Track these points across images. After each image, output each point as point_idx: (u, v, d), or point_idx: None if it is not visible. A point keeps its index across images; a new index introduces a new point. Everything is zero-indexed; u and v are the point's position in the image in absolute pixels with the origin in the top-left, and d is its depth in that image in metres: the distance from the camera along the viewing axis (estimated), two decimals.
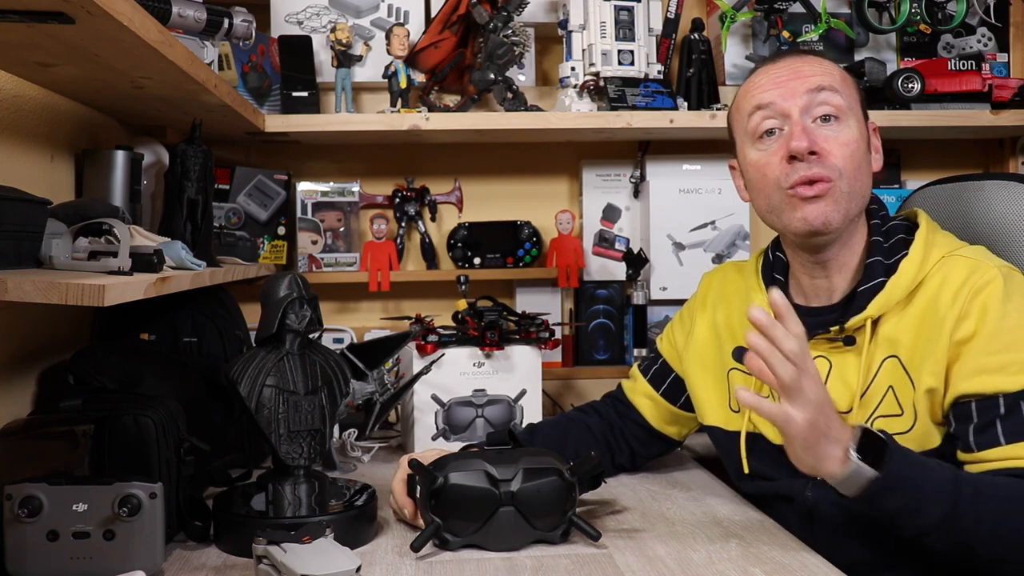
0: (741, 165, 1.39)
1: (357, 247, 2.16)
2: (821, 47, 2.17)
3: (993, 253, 1.30)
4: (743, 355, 1.14)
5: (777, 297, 1.13)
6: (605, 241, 2.25)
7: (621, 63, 2.04)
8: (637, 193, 2.25)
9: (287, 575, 1.02)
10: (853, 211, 1.29)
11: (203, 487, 1.42)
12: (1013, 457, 1.16)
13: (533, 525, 1.23)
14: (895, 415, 1.25)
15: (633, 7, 2.06)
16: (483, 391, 1.78)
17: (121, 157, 1.58)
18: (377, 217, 2.12)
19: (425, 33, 2.06)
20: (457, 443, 1.68)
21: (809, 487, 1.32)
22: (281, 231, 2.11)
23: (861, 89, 1.37)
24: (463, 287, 1.87)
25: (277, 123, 1.95)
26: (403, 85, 2.01)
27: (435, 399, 1.77)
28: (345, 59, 2.02)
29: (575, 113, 2.02)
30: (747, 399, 1.12)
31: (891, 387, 1.26)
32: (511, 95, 2.02)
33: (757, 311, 1.10)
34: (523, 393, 1.79)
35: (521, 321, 1.82)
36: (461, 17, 2.04)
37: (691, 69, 2.11)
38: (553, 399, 2.16)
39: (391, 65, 2.01)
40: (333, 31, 2.00)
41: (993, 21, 2.22)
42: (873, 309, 1.27)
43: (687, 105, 2.09)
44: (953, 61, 2.09)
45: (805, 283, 1.38)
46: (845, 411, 1.27)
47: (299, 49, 2.04)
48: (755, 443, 1.39)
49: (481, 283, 2.13)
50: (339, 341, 2.14)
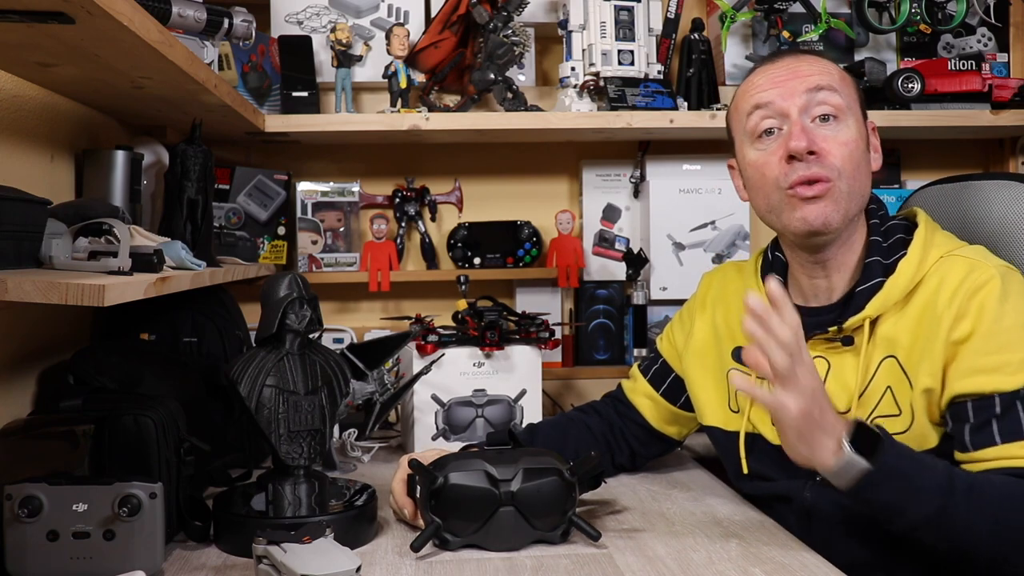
0: (740, 165, 1.39)
1: (357, 247, 2.16)
2: (821, 47, 2.17)
3: (993, 253, 1.30)
4: (742, 354, 1.14)
5: (774, 287, 1.14)
6: (605, 241, 2.25)
7: (621, 63, 2.04)
8: (637, 193, 2.25)
9: (287, 575, 1.02)
10: (852, 211, 1.29)
11: (203, 487, 1.42)
12: (1009, 456, 1.16)
13: (533, 525, 1.23)
14: (893, 415, 1.25)
15: (633, 7, 2.06)
16: (483, 391, 1.78)
17: (121, 157, 1.58)
18: (377, 217, 2.12)
19: (425, 33, 2.06)
20: (457, 443, 1.68)
21: (807, 488, 1.32)
22: (281, 231, 2.11)
23: (860, 88, 1.37)
24: (463, 287, 1.87)
25: (277, 123, 1.95)
26: (403, 85, 2.01)
27: (435, 399, 1.77)
28: (345, 59, 2.02)
29: (575, 113, 2.02)
30: (742, 385, 1.13)
31: (889, 387, 1.26)
32: (511, 95, 2.02)
33: (753, 299, 1.11)
34: (523, 393, 1.79)
35: (521, 321, 1.82)
36: (461, 17, 2.04)
37: (691, 69, 2.11)
38: (553, 399, 2.16)
39: (391, 65, 2.01)
40: (333, 31, 2.00)
41: (993, 21, 2.22)
42: (871, 309, 1.27)
43: (687, 105, 2.09)
44: (953, 61, 2.09)
45: (804, 283, 1.38)
46: (843, 411, 1.27)
47: (299, 49, 2.04)
48: (754, 443, 1.39)
49: (481, 283, 2.13)
50: (339, 341, 2.14)
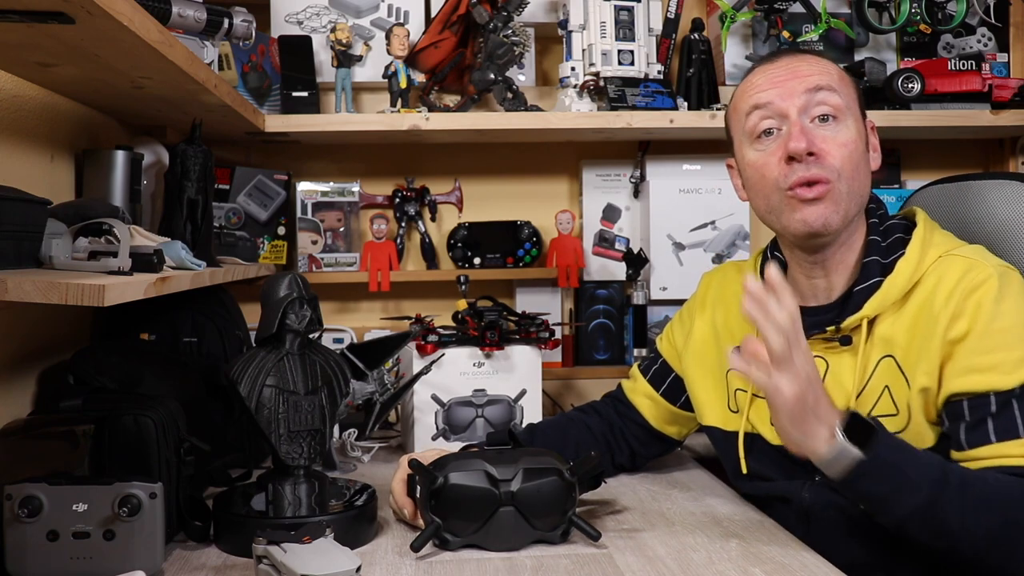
0: (739, 165, 1.39)
1: (357, 247, 2.16)
2: (821, 47, 2.17)
3: (993, 253, 1.29)
4: (741, 345, 1.14)
5: (773, 273, 1.14)
6: (605, 241, 2.25)
7: (621, 63, 2.04)
8: (637, 193, 2.25)
9: (287, 575, 1.02)
10: (852, 212, 1.29)
11: (203, 487, 1.42)
12: (1004, 455, 1.16)
13: (533, 525, 1.23)
14: (890, 415, 1.25)
15: (633, 7, 2.06)
16: (483, 391, 1.78)
17: (121, 157, 1.58)
18: (377, 217, 2.12)
19: (425, 33, 2.06)
20: (457, 443, 1.68)
21: (806, 488, 1.32)
22: (281, 231, 2.11)
23: (859, 87, 1.36)
24: (463, 287, 1.87)
25: (277, 123, 1.95)
26: (403, 85, 2.01)
27: (435, 399, 1.77)
28: (345, 59, 2.02)
29: (575, 113, 2.02)
30: (737, 363, 1.13)
31: (887, 387, 1.26)
32: (511, 95, 2.02)
33: (752, 282, 1.12)
34: (523, 393, 1.79)
35: (521, 321, 1.82)
36: (461, 17, 2.04)
37: (691, 69, 2.11)
38: (553, 399, 2.16)
39: (391, 65, 2.01)
40: (333, 31, 2.00)
41: (993, 21, 2.22)
42: (869, 309, 1.27)
43: (687, 105, 2.09)
44: (953, 61, 2.09)
45: (802, 283, 1.37)
46: None
47: (299, 49, 2.04)
48: (753, 443, 1.39)
49: (481, 283, 2.13)
50: (339, 341, 2.14)
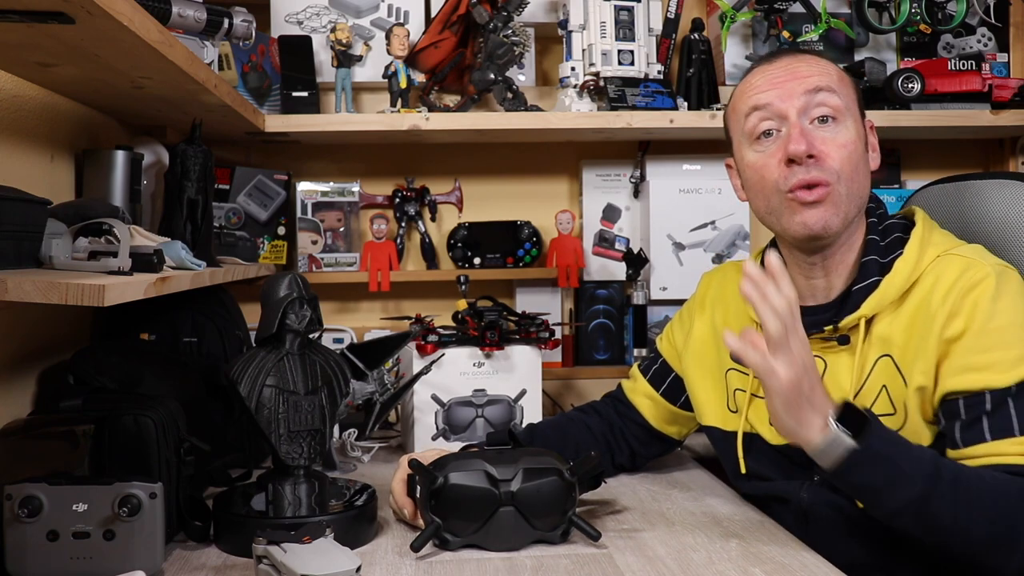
0: (738, 165, 1.39)
1: (357, 247, 2.16)
2: (821, 47, 2.17)
3: (993, 253, 1.29)
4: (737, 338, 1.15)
5: (773, 259, 1.14)
6: (605, 241, 2.25)
7: (621, 63, 2.04)
8: (637, 193, 2.25)
9: (287, 575, 1.02)
10: (852, 213, 1.29)
11: (203, 487, 1.42)
12: (998, 453, 1.16)
13: (533, 525, 1.23)
14: (888, 414, 1.25)
15: (633, 7, 2.06)
16: (483, 391, 1.78)
17: (121, 157, 1.58)
18: (377, 217, 2.12)
19: (425, 33, 2.06)
20: (457, 443, 1.68)
21: (804, 488, 1.32)
22: (281, 231, 2.11)
23: (858, 87, 1.36)
24: (463, 287, 1.87)
25: (277, 123, 1.95)
26: (403, 85, 2.01)
27: (435, 399, 1.77)
28: (345, 59, 2.02)
29: (575, 113, 2.02)
30: (732, 344, 1.14)
31: (884, 386, 1.26)
32: (511, 95, 2.02)
33: (751, 266, 1.13)
34: (523, 393, 1.79)
35: (521, 321, 1.82)
36: (461, 17, 2.04)
37: (691, 69, 2.11)
38: (553, 399, 2.16)
39: (391, 65, 2.01)
40: (333, 31, 2.00)
41: (993, 21, 2.22)
42: (867, 308, 1.27)
43: (687, 105, 2.09)
44: (953, 61, 2.09)
45: (801, 283, 1.37)
46: None
47: (299, 49, 2.04)
48: (752, 443, 1.39)
49: (481, 283, 2.13)
50: (339, 341, 2.14)
